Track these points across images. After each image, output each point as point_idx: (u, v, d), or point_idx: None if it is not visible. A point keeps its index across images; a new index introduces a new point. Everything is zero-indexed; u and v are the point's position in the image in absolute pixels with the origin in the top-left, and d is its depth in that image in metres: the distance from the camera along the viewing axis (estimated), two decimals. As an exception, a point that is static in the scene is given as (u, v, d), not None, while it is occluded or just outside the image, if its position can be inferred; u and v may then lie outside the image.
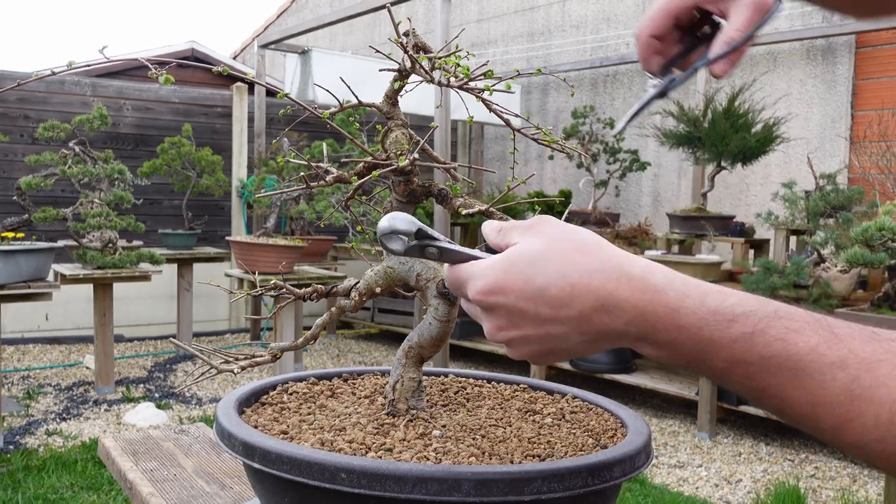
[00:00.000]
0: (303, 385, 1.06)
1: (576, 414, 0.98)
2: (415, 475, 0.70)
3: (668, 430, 4.39)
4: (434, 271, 0.92)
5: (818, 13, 5.58)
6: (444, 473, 0.70)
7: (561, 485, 0.72)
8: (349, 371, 1.15)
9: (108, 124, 4.78)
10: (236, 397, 0.95)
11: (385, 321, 6.48)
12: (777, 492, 3.35)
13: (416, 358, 0.94)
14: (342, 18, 5.72)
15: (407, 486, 0.70)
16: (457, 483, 0.69)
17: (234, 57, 12.01)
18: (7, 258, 3.73)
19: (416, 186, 0.91)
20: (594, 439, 0.89)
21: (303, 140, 6.22)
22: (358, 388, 1.07)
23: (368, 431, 0.86)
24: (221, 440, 0.83)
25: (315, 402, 0.99)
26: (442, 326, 0.91)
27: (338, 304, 0.99)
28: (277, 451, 0.76)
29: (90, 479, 3.30)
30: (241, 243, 4.66)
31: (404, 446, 0.82)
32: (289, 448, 0.76)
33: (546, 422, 0.95)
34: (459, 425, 0.91)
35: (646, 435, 0.85)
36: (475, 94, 0.87)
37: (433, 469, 0.71)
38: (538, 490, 0.71)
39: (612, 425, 0.94)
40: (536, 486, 0.71)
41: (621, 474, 0.77)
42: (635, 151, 6.00)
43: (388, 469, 0.71)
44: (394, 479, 0.70)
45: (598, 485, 0.74)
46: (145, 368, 5.41)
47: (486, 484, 0.70)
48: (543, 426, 0.93)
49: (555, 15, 7.36)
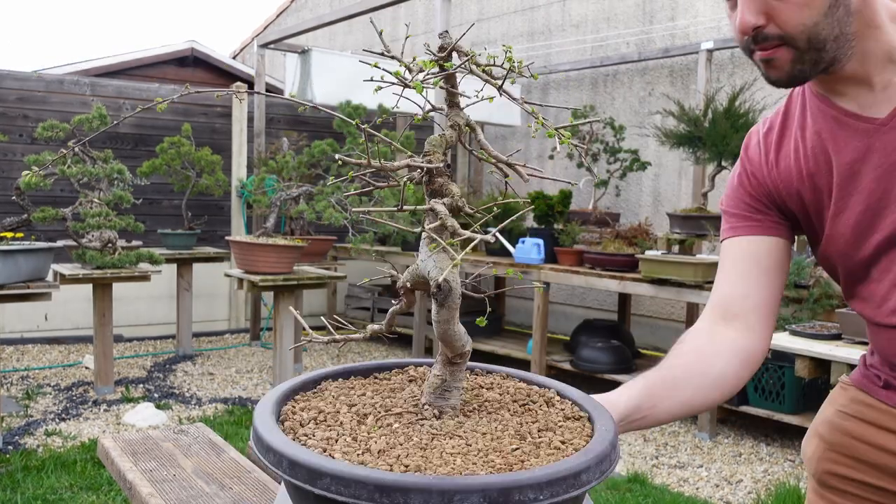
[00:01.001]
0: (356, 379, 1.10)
1: (575, 420, 0.97)
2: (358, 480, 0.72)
3: (668, 430, 4.38)
4: (439, 271, 0.91)
5: (818, 13, 5.58)
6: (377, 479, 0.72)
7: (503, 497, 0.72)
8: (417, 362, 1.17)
9: (107, 124, 4.77)
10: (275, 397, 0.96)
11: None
12: (778, 492, 3.35)
13: (443, 356, 0.95)
14: (342, 18, 5.71)
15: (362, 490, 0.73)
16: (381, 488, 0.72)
17: (234, 57, 12.00)
18: (6, 258, 3.72)
19: (437, 186, 0.93)
20: (568, 445, 0.87)
21: (303, 140, 6.21)
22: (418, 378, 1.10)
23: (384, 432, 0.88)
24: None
25: (358, 391, 1.02)
26: (436, 326, 0.92)
27: (406, 298, 1.02)
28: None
29: (89, 480, 3.30)
30: (241, 243, 4.65)
31: (383, 447, 0.83)
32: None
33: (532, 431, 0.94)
34: (454, 430, 0.90)
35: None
36: (499, 89, 0.88)
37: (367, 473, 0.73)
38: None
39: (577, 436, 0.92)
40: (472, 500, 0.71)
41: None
42: (636, 151, 6.00)
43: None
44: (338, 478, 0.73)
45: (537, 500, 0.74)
46: (145, 368, 5.40)
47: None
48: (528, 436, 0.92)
49: (555, 14, 7.35)
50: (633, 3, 6.71)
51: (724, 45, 5.85)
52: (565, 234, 5.11)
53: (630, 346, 5.30)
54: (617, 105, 6.82)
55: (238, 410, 4.44)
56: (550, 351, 5.35)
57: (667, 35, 6.46)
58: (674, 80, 6.43)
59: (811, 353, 2.93)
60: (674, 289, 4.27)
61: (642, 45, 6.63)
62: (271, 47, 6.63)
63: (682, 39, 6.32)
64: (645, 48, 6.58)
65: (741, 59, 5.97)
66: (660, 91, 6.47)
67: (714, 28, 6.14)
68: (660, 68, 6.53)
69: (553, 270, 4.93)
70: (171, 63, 9.53)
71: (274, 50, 6.72)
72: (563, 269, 4.90)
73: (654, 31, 6.56)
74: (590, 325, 5.47)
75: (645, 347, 6.24)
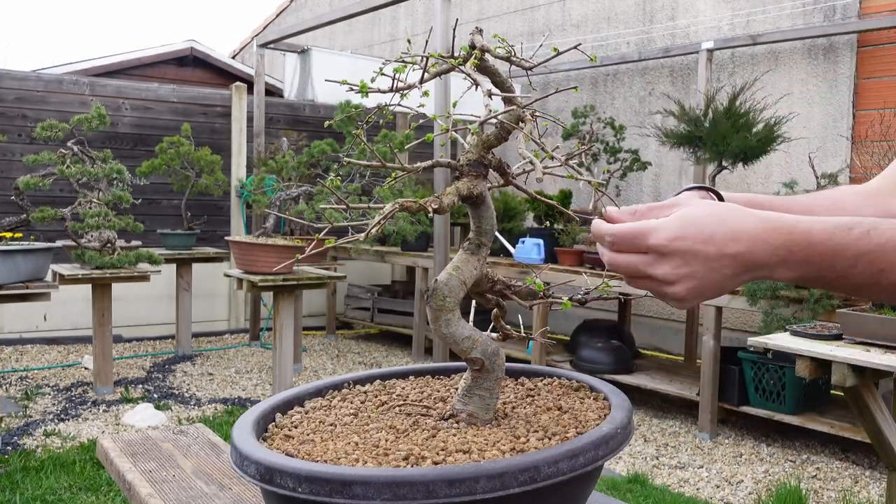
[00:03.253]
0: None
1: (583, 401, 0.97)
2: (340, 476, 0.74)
3: (668, 430, 4.37)
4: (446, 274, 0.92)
5: (819, 12, 5.57)
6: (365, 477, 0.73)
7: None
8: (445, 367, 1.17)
9: (106, 124, 4.76)
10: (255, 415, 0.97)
11: (384, 321, 6.46)
12: (778, 493, 3.34)
13: (472, 364, 0.94)
14: (341, 18, 5.70)
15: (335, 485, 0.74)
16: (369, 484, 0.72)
17: (234, 56, 11.99)
18: (5, 258, 3.71)
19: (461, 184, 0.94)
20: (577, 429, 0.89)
21: (302, 139, 6.20)
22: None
23: (397, 431, 0.90)
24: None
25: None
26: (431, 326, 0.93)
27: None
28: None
29: (89, 480, 3.29)
30: (241, 243, 4.64)
31: (396, 447, 0.84)
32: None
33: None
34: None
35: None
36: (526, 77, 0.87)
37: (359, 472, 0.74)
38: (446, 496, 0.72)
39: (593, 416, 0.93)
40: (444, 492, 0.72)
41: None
42: (636, 151, 5.99)
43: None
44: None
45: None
46: (144, 369, 5.40)
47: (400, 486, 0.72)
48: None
49: (555, 14, 7.35)
50: (633, 3, 6.70)
51: (725, 45, 5.84)
52: (565, 234, 5.10)
53: (630, 346, 5.29)
54: (617, 105, 6.81)
55: (238, 411, 4.43)
56: (550, 351, 5.35)
57: (667, 35, 6.46)
58: (674, 79, 6.42)
59: (812, 353, 2.92)
60: (674, 289, 4.25)
61: (642, 45, 6.62)
62: (271, 47, 6.62)
63: (683, 39, 6.31)
64: (645, 48, 6.57)
65: (741, 58, 5.97)
66: (660, 91, 6.46)
67: (714, 28, 6.13)
68: (660, 68, 6.53)
69: (553, 270, 4.92)
70: (170, 63, 9.52)
71: (274, 50, 6.71)
72: (563, 269, 4.89)
73: (654, 31, 6.56)
74: (590, 326, 5.47)
75: (645, 347, 6.23)
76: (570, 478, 0.77)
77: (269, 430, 0.92)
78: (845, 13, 5.42)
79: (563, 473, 0.76)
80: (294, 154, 5.58)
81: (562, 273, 4.88)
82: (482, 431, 0.89)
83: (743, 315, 5.78)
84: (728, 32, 6.05)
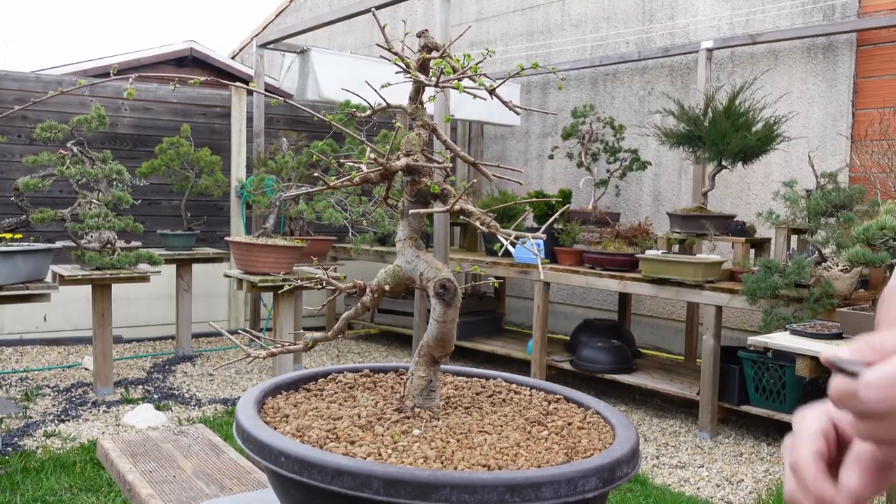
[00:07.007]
0: (353, 376, 1.16)
1: (581, 429, 0.95)
2: (333, 467, 0.77)
3: (669, 430, 4.38)
4: (436, 271, 0.91)
5: (818, 11, 5.57)
6: (358, 469, 0.76)
7: (472, 497, 0.72)
8: (403, 366, 1.18)
9: (106, 124, 4.76)
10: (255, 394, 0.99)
11: (385, 322, 6.46)
12: (779, 492, 3.34)
13: (427, 357, 0.94)
14: (341, 18, 5.70)
15: (327, 477, 0.77)
16: (367, 480, 0.75)
17: (233, 57, 11.99)
18: (5, 259, 3.71)
19: (422, 187, 0.91)
20: (567, 456, 0.86)
21: (302, 140, 6.20)
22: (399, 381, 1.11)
23: (359, 425, 0.89)
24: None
25: (349, 394, 1.05)
26: (440, 327, 0.90)
27: (361, 301, 1.01)
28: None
29: (89, 481, 3.29)
30: (241, 244, 4.64)
31: (370, 441, 0.85)
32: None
33: (541, 434, 0.92)
34: (449, 427, 0.90)
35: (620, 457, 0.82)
36: (475, 91, 0.86)
37: (350, 463, 0.77)
38: (446, 499, 0.72)
39: (598, 445, 0.91)
40: (444, 495, 0.72)
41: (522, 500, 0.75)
42: (636, 151, 5.99)
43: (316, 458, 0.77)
44: (318, 468, 0.77)
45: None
46: (144, 369, 5.40)
47: (394, 485, 0.73)
48: (532, 438, 0.91)
49: (554, 14, 7.35)
50: (632, 3, 6.70)
51: (724, 44, 5.85)
52: (565, 233, 5.10)
53: (630, 345, 5.29)
54: (617, 104, 6.81)
55: (238, 411, 4.42)
56: (550, 351, 5.35)
57: (666, 34, 6.46)
58: (674, 79, 6.42)
59: (812, 352, 2.92)
60: (674, 288, 4.26)
61: (642, 45, 6.62)
62: (270, 47, 6.62)
63: (682, 38, 6.31)
64: (645, 47, 6.57)
65: (741, 57, 5.97)
66: (660, 90, 6.46)
67: (714, 27, 6.14)
68: (659, 67, 6.53)
69: (553, 270, 4.92)
70: (170, 63, 9.52)
71: (273, 50, 6.71)
72: (563, 269, 4.89)
73: (653, 31, 6.56)
74: (590, 325, 5.46)
75: (645, 347, 6.23)
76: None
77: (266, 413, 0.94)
78: (844, 12, 5.42)
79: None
80: (294, 154, 5.58)
81: (562, 273, 4.88)
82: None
83: (743, 314, 5.78)
84: (727, 32, 6.05)
